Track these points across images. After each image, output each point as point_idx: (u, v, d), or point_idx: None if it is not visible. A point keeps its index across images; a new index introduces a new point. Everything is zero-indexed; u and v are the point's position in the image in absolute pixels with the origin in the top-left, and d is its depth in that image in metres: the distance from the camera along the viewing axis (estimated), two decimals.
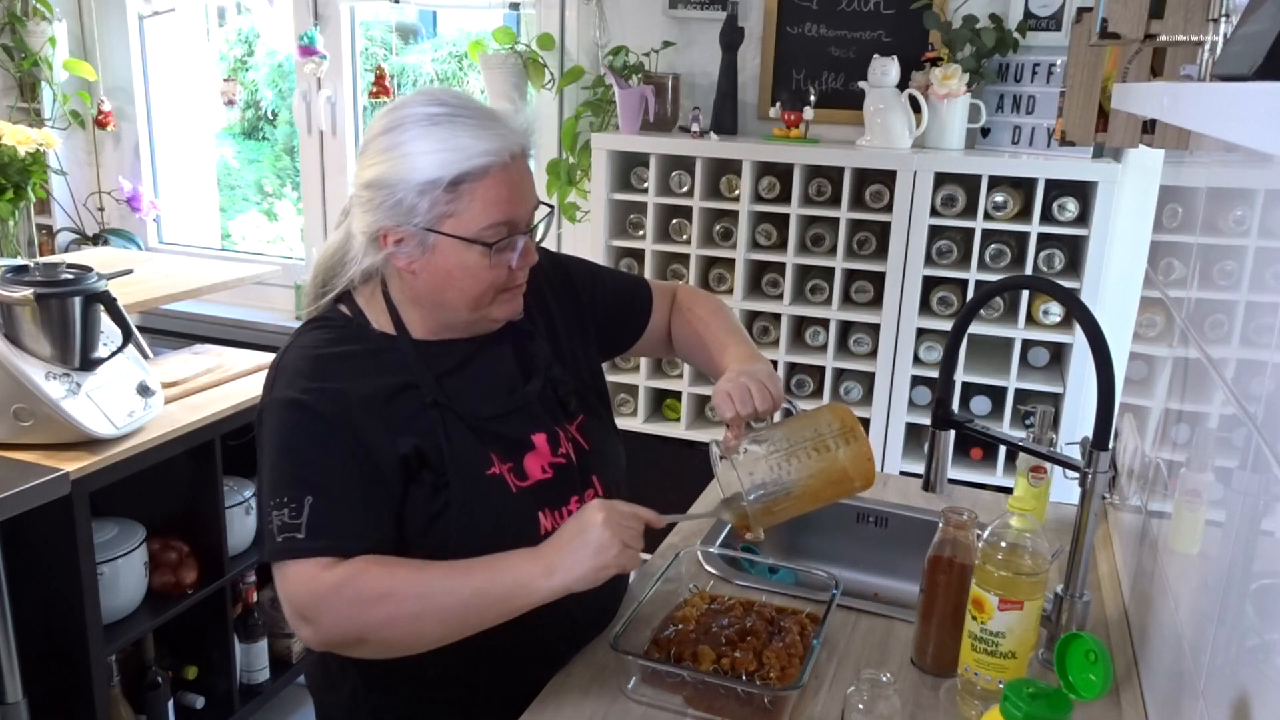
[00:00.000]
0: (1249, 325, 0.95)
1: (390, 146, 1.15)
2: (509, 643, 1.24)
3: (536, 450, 1.27)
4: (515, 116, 1.19)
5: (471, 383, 1.26)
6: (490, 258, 1.17)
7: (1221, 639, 0.90)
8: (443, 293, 1.20)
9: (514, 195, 1.17)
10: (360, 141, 1.22)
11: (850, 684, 1.11)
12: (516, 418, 1.27)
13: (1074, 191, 2.38)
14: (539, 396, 1.31)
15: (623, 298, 1.47)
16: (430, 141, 1.13)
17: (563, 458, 1.29)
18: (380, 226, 1.16)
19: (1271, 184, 0.94)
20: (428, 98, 1.17)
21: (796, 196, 2.53)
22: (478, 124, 1.15)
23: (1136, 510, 1.47)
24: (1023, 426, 2.45)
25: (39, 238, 3.47)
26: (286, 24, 3.29)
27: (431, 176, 1.13)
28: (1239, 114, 0.56)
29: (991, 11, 2.51)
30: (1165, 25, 1.19)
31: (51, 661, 1.98)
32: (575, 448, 1.31)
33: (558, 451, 1.29)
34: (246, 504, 2.37)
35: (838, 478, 1.21)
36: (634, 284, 1.50)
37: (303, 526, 1.12)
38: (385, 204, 1.15)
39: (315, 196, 3.41)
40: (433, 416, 1.20)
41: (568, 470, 1.28)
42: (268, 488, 1.15)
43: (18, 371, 1.81)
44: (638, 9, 2.85)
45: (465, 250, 1.16)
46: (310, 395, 1.16)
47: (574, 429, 1.32)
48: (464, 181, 1.13)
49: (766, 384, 1.27)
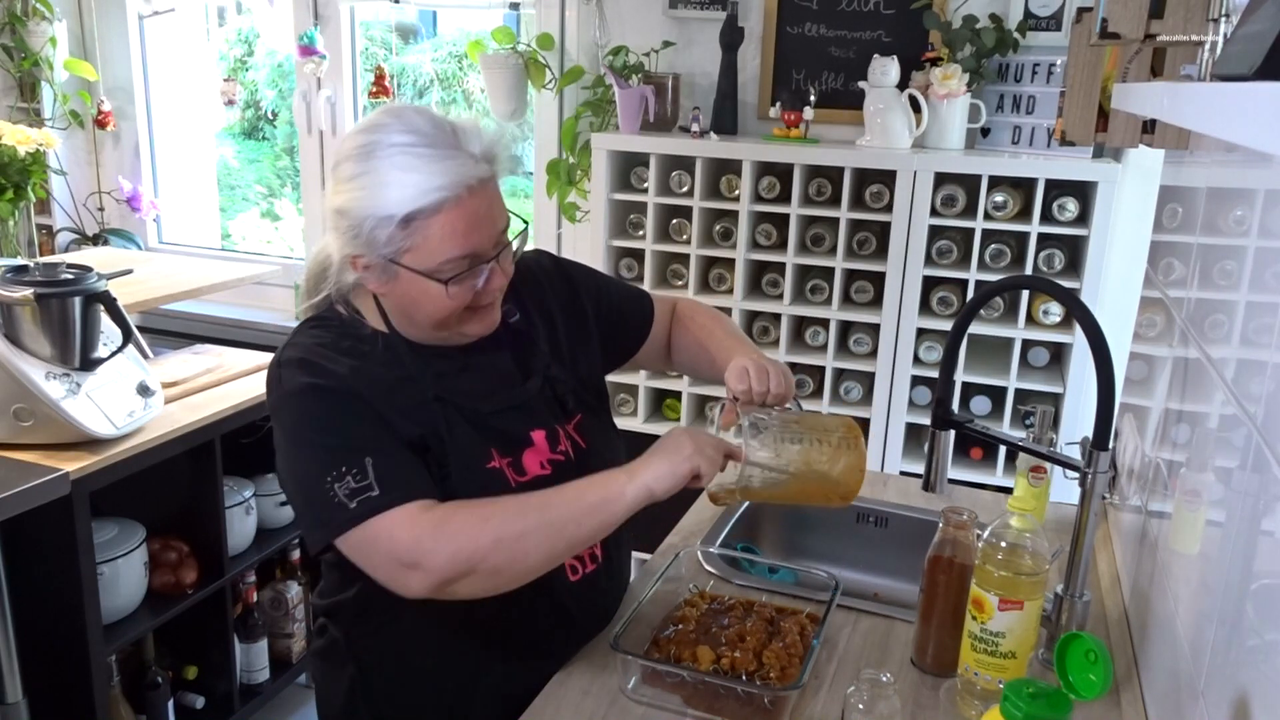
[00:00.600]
0: (1249, 325, 0.95)
1: (354, 175, 1.15)
2: (508, 636, 1.24)
3: (535, 447, 1.28)
4: (481, 137, 1.18)
5: (469, 381, 1.27)
6: (448, 291, 1.18)
7: (1221, 639, 0.90)
8: (411, 314, 1.23)
9: (471, 228, 1.16)
10: None
11: (850, 684, 1.11)
12: (516, 414, 1.28)
13: (1074, 191, 2.38)
14: (538, 395, 1.31)
15: (625, 307, 1.49)
16: (391, 174, 1.13)
17: (562, 455, 1.30)
18: (348, 252, 1.19)
19: (1271, 184, 0.94)
20: (399, 124, 1.16)
21: (796, 196, 2.53)
22: (437, 155, 1.14)
23: (1136, 510, 1.47)
24: (1023, 426, 2.45)
25: (39, 238, 3.47)
26: (286, 24, 3.29)
27: (387, 212, 1.13)
28: (1239, 114, 0.56)
29: (991, 11, 2.51)
30: (1165, 25, 1.19)
31: (51, 661, 1.98)
32: (574, 446, 1.32)
33: (557, 449, 1.30)
34: (246, 504, 2.37)
35: (825, 477, 1.22)
36: (636, 295, 1.52)
37: (374, 484, 1.13)
38: (349, 233, 1.16)
39: (315, 196, 3.41)
40: (434, 409, 1.22)
41: (567, 468, 1.29)
42: (317, 469, 1.15)
43: (18, 371, 1.81)
44: (638, 9, 2.85)
45: (425, 283, 1.17)
46: (322, 379, 1.19)
47: (572, 428, 1.33)
48: (416, 218, 1.14)
49: (784, 373, 1.30)
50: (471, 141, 1.17)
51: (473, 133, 1.18)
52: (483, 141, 1.18)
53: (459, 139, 1.16)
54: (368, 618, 1.30)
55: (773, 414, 1.26)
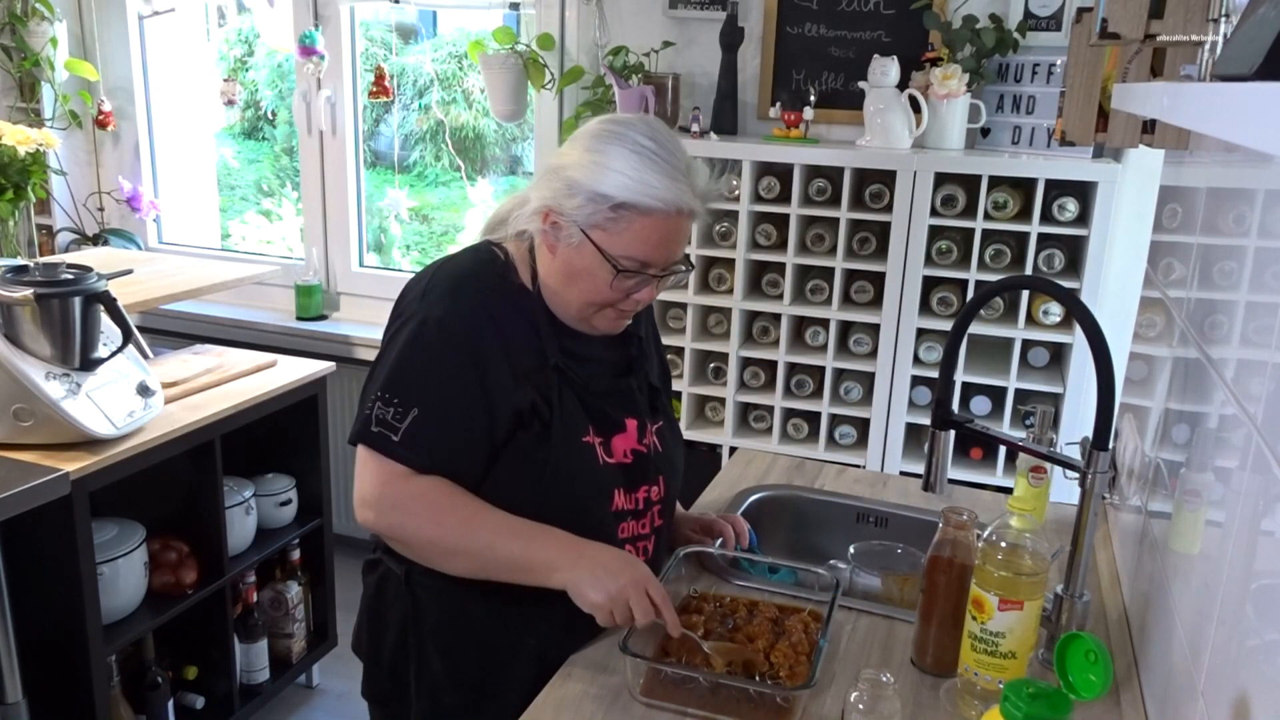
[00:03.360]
0: (1249, 325, 0.96)
1: (594, 149, 1.27)
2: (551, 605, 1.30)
3: (626, 433, 1.39)
4: (704, 181, 1.31)
5: (585, 356, 1.38)
6: (614, 280, 1.29)
7: (1221, 639, 0.90)
8: (565, 281, 1.33)
9: (662, 242, 1.29)
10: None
11: (850, 684, 1.11)
12: (617, 400, 1.40)
13: (1074, 191, 2.38)
14: (637, 390, 1.44)
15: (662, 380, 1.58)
16: (626, 165, 1.25)
17: (645, 448, 1.41)
18: (549, 205, 1.29)
19: (1271, 184, 0.94)
20: (649, 130, 1.29)
21: (796, 196, 2.53)
22: (668, 170, 1.26)
23: (1136, 510, 1.47)
24: (1023, 426, 2.45)
25: (39, 238, 3.47)
26: (286, 24, 3.29)
27: (605, 190, 1.25)
28: (1239, 114, 0.56)
29: (991, 11, 2.51)
30: (1165, 25, 1.19)
31: (51, 661, 1.98)
32: (654, 444, 1.44)
33: (642, 440, 1.41)
34: (246, 504, 2.38)
35: None
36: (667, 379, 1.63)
37: (401, 432, 1.27)
38: (563, 192, 1.28)
39: (315, 196, 3.41)
40: (552, 375, 1.33)
41: (646, 460, 1.41)
42: (381, 381, 1.29)
43: (18, 371, 1.81)
44: (638, 9, 2.85)
45: (599, 263, 1.28)
46: (455, 316, 1.30)
47: (655, 429, 1.45)
48: (627, 208, 1.25)
49: None
50: (698, 179, 1.30)
51: (700, 173, 1.31)
52: (704, 185, 1.31)
53: (690, 171, 1.29)
54: None
55: None
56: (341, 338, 3.26)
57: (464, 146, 4.57)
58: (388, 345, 1.33)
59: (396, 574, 1.39)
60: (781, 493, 1.85)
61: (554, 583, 1.26)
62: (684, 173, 1.28)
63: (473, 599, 1.35)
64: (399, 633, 1.40)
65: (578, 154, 1.28)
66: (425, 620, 1.38)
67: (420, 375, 1.28)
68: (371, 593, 1.46)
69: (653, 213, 1.25)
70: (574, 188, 1.27)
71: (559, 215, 1.28)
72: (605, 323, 1.36)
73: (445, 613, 1.38)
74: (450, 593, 1.35)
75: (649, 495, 1.42)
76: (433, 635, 1.38)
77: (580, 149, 1.29)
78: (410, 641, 1.39)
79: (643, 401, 1.44)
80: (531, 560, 1.27)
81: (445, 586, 1.35)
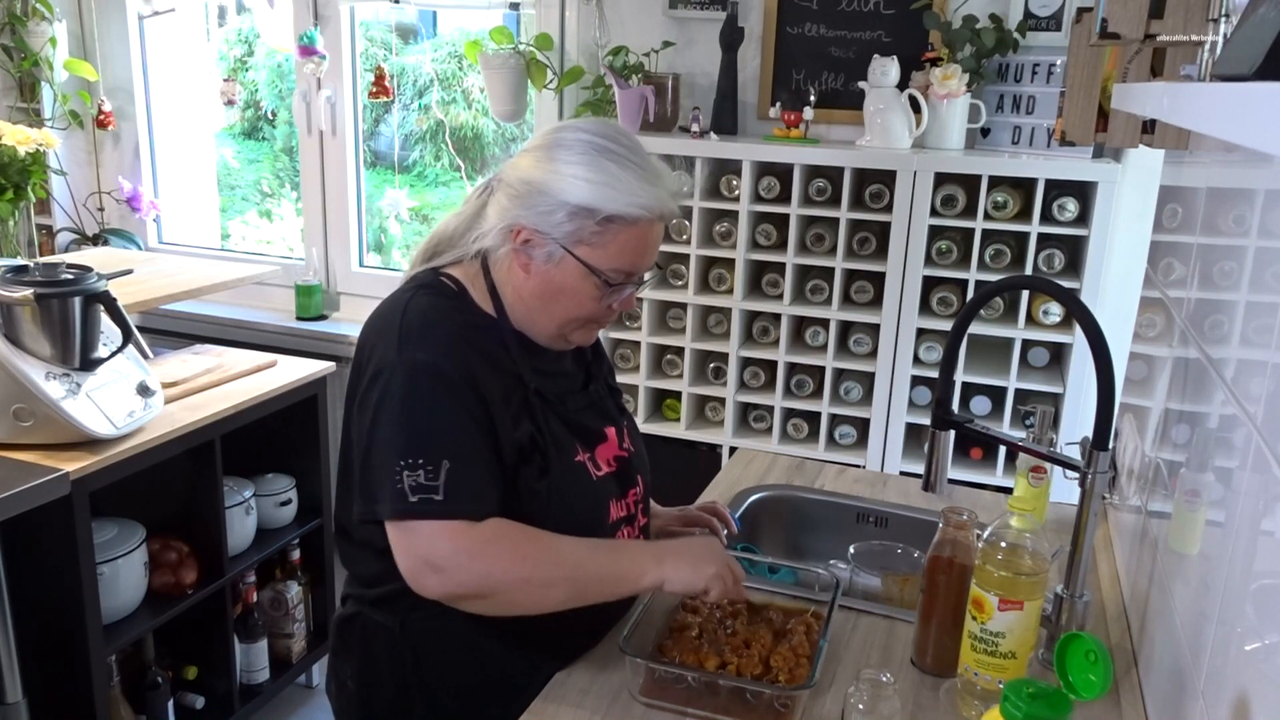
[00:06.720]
0: (1249, 325, 0.96)
1: (555, 157, 1.22)
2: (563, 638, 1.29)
3: (608, 442, 1.36)
4: (674, 181, 1.29)
5: (554, 372, 1.34)
6: (602, 293, 1.25)
7: (1221, 639, 0.90)
8: (546, 302, 1.27)
9: (646, 250, 1.26)
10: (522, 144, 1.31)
11: (850, 685, 1.11)
12: (592, 411, 1.37)
13: (1074, 191, 2.38)
14: (603, 397, 1.41)
15: None
16: (596, 171, 1.21)
17: (625, 452, 1.39)
18: (519, 223, 1.23)
19: (1271, 184, 0.94)
20: (614, 135, 1.25)
21: (796, 196, 2.53)
22: (647, 177, 1.23)
23: (1136, 510, 1.47)
24: (1023, 426, 2.45)
25: (39, 238, 3.47)
26: (286, 24, 3.29)
27: (589, 204, 1.20)
28: (1239, 114, 0.56)
29: (991, 11, 2.51)
30: (1165, 25, 1.19)
31: (51, 661, 1.98)
32: (629, 447, 1.41)
33: (622, 445, 1.39)
34: (246, 504, 2.38)
35: None
36: None
37: (440, 489, 1.16)
38: (535, 207, 1.22)
39: (315, 196, 3.41)
40: (535, 404, 1.28)
41: (627, 464, 1.38)
42: (399, 446, 1.17)
43: (18, 371, 1.81)
44: (638, 9, 2.85)
45: (585, 277, 1.24)
46: (445, 361, 1.21)
47: (627, 431, 1.42)
48: (615, 221, 1.21)
49: None
50: (669, 182, 1.27)
51: (668, 173, 1.28)
52: (674, 185, 1.29)
53: (660, 175, 1.26)
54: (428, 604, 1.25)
55: None
56: (341, 338, 3.26)
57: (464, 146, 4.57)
58: (376, 410, 1.20)
59: (388, 626, 1.31)
60: (781, 493, 1.85)
61: (646, 585, 1.24)
62: (659, 176, 1.25)
63: (484, 633, 1.28)
64: (397, 685, 1.32)
65: (541, 164, 1.23)
66: (430, 666, 1.31)
67: (434, 428, 1.19)
68: (357, 649, 1.35)
69: (639, 222, 1.23)
70: (549, 203, 1.21)
71: (534, 232, 1.23)
72: (581, 336, 1.33)
73: (456, 653, 1.31)
74: (457, 633, 1.28)
75: (636, 496, 1.39)
76: (442, 678, 1.31)
77: (541, 159, 1.23)
78: (414, 692, 1.31)
79: (611, 405, 1.42)
80: (619, 569, 1.24)
81: (449, 628, 1.28)
